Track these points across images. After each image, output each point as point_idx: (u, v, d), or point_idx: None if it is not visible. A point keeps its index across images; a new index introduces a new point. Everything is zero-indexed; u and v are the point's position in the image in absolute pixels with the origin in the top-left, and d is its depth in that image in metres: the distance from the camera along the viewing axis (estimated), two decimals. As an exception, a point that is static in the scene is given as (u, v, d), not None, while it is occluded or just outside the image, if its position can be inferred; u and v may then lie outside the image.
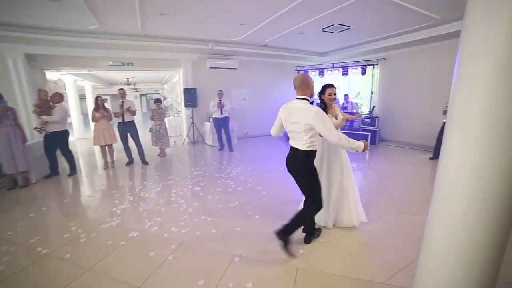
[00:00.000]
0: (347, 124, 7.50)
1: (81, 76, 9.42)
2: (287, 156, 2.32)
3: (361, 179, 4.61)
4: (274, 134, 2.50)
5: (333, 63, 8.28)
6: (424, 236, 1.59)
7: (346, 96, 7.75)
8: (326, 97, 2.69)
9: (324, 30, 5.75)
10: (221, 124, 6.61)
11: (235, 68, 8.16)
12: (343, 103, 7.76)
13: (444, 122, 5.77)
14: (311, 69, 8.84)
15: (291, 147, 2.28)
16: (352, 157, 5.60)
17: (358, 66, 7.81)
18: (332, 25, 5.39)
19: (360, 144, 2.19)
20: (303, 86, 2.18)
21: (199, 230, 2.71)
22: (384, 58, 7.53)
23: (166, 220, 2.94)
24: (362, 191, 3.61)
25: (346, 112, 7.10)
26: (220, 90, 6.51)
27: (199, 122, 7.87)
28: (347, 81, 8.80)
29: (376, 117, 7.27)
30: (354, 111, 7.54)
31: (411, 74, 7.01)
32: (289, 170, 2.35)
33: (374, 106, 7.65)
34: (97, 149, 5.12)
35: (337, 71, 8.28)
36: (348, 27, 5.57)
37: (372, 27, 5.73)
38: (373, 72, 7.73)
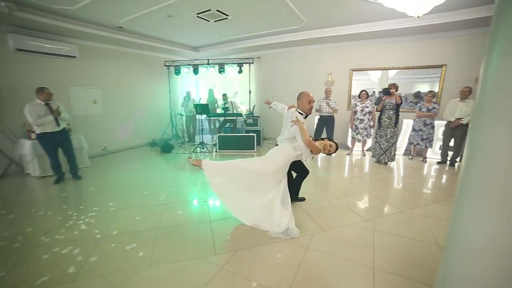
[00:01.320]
0: (230, 126, 6.89)
1: None
2: None
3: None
4: None
5: (208, 59, 7.38)
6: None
7: (224, 95, 7.10)
8: None
9: (199, 15, 4.65)
10: (57, 141, 4.08)
11: (74, 57, 5.55)
12: (223, 103, 7.06)
13: (318, 119, 6.54)
14: (183, 65, 7.53)
15: None
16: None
17: (234, 63, 7.31)
18: (209, 10, 4.39)
19: None
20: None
21: None
22: (258, 57, 7.44)
23: None
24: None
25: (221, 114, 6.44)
26: (43, 88, 3.91)
27: (7, 141, 4.70)
28: (223, 80, 8.22)
29: (258, 116, 7.09)
30: (235, 111, 7.04)
31: (282, 74, 7.28)
32: None
33: (254, 106, 7.46)
34: None
35: (213, 68, 7.46)
36: (226, 16, 4.76)
37: (250, 21, 5.22)
38: (249, 71, 7.50)
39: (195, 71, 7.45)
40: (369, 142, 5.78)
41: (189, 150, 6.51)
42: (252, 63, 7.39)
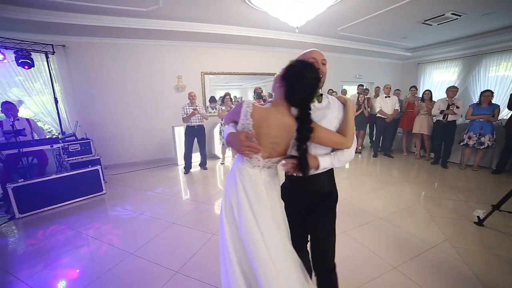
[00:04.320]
0: (35, 161, 3.67)
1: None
2: None
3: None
4: None
5: None
6: None
7: (11, 106, 3.49)
8: None
9: None
10: None
11: None
12: (10, 123, 3.47)
13: (186, 130, 4.96)
14: None
15: None
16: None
17: (8, 48, 3.82)
18: None
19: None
20: None
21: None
22: (63, 45, 4.43)
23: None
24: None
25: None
26: None
27: None
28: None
29: (87, 139, 4.29)
30: (38, 136, 3.77)
31: (111, 75, 4.96)
32: None
33: (77, 122, 4.46)
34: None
35: None
36: None
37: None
38: (49, 66, 4.29)
39: None
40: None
41: None
42: (53, 53, 4.31)
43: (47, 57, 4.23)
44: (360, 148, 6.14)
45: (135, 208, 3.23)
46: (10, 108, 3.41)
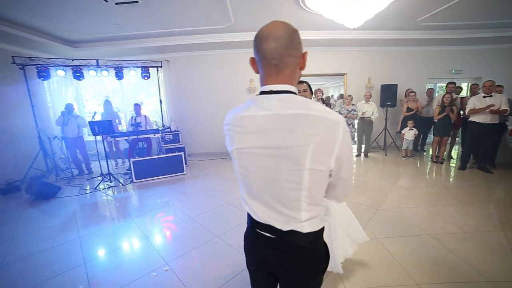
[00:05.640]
0: (144, 146, 5.23)
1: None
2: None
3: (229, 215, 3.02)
4: None
5: (97, 60, 5.23)
6: None
7: (137, 106, 5.26)
8: None
9: (93, -10, 3.01)
10: None
11: None
12: (133, 118, 5.19)
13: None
14: (54, 65, 5.00)
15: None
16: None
17: (137, 67, 5.57)
18: (114, -16, 2.90)
19: None
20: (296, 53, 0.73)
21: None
22: (167, 60, 6.01)
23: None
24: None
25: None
26: None
27: None
28: (119, 87, 6.14)
29: (177, 131, 5.73)
30: (148, 127, 5.37)
31: (197, 80, 6.23)
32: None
33: (172, 118, 6.01)
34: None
35: (106, 72, 5.38)
36: (136, 0, 3.34)
37: (164, 12, 3.97)
38: (158, 76, 5.95)
39: (77, 74, 5.10)
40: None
41: (89, 187, 4.36)
42: (161, 66, 5.91)
43: (157, 70, 5.85)
44: (442, 157, 5.08)
45: (203, 187, 4.16)
46: (137, 107, 5.13)
